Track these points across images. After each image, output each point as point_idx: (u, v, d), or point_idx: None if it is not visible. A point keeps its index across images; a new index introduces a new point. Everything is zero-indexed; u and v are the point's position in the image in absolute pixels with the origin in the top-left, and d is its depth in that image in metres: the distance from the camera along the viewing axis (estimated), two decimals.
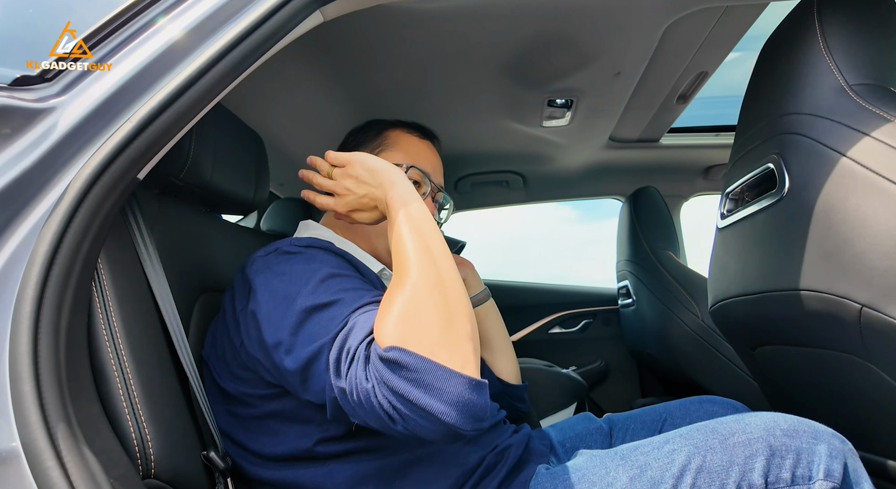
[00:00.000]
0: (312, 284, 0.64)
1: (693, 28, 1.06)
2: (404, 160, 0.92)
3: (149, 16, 0.61)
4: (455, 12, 0.97)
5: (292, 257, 0.71)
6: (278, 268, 0.69)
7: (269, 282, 0.67)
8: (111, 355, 0.53)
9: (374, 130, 0.96)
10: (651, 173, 1.87)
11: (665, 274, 1.47)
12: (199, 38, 0.61)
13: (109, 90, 0.54)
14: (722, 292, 0.91)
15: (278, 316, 0.63)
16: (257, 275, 0.69)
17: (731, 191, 0.91)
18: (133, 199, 0.71)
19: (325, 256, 0.72)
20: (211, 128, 0.89)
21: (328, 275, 0.66)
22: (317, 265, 0.69)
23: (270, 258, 0.72)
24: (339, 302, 0.62)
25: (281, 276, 0.67)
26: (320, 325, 0.60)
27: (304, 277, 0.66)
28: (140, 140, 0.55)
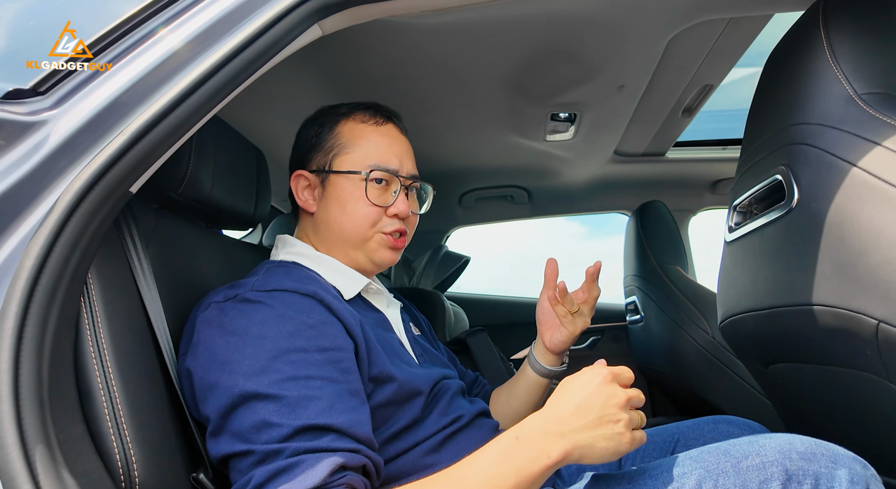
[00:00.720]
0: (261, 361, 0.58)
1: (696, 40, 1.05)
2: (363, 161, 0.80)
3: (147, 27, 0.60)
4: (456, 27, 0.97)
5: (250, 309, 0.64)
6: (230, 324, 0.62)
7: (213, 341, 0.61)
8: (98, 373, 0.51)
9: (326, 128, 0.84)
10: (657, 187, 1.85)
11: (673, 289, 1.44)
12: (195, 50, 0.60)
13: (103, 103, 0.54)
14: (731, 307, 0.88)
15: (210, 389, 0.58)
16: (205, 327, 0.63)
17: (738, 203, 0.89)
18: (129, 214, 0.70)
19: (289, 309, 0.64)
20: (211, 142, 0.88)
21: (283, 351, 0.59)
22: (274, 327, 0.62)
23: (227, 307, 0.65)
24: (282, 400, 0.56)
25: (228, 337, 0.61)
26: (252, 423, 0.55)
27: (251, 346, 0.59)
28: (133, 153, 0.54)
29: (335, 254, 0.82)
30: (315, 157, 0.84)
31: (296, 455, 0.53)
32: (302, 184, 0.84)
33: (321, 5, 0.69)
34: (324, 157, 0.82)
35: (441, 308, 1.56)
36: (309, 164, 0.84)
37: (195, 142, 0.85)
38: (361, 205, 0.79)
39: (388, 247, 0.82)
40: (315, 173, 0.83)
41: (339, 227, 0.80)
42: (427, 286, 1.82)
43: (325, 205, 0.82)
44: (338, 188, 0.81)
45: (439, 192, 1.89)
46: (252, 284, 0.68)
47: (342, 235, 0.81)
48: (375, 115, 0.85)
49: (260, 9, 0.65)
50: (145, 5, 0.60)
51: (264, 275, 0.72)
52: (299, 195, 0.84)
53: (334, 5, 0.70)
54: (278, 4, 0.66)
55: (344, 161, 0.81)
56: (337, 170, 0.81)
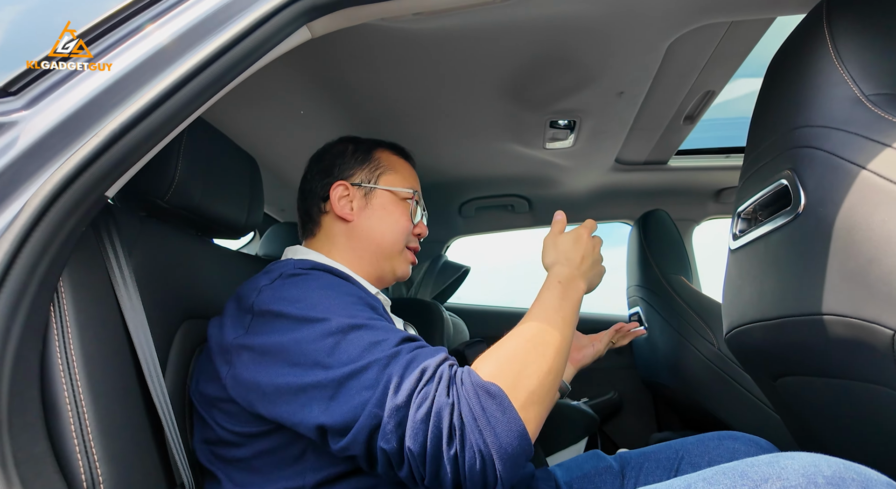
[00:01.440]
0: (337, 304, 0.63)
1: (697, 45, 1.03)
2: (403, 184, 0.92)
3: (130, 25, 0.59)
4: (451, 33, 0.95)
5: (305, 279, 0.68)
6: (290, 293, 0.65)
7: (285, 311, 0.63)
8: (65, 387, 0.48)
9: (361, 150, 0.93)
10: (660, 196, 1.82)
11: (677, 300, 1.40)
12: (177, 50, 0.59)
13: (77, 104, 0.52)
14: (737, 318, 0.85)
15: (305, 342, 0.60)
16: (269, 305, 0.65)
17: (742, 210, 0.86)
18: (110, 220, 0.68)
19: (334, 278, 0.71)
20: (200, 149, 0.87)
21: (350, 302, 0.65)
22: (333, 288, 0.67)
23: (277, 285, 0.68)
24: (375, 327, 0.61)
25: (297, 303, 0.64)
26: (361, 346, 0.59)
27: (325, 300, 0.64)
28: (108, 156, 0.52)
29: (351, 264, 0.87)
30: (358, 172, 0.91)
31: (414, 351, 0.60)
32: (340, 194, 0.89)
33: (309, 7, 0.68)
34: (370, 173, 0.91)
35: (439, 319, 1.53)
36: (351, 177, 0.90)
37: (183, 147, 0.83)
38: (403, 220, 0.89)
39: (409, 262, 0.92)
40: (357, 186, 0.89)
41: (381, 236, 0.88)
42: (425, 296, 1.79)
43: (369, 214, 0.88)
44: (384, 201, 0.89)
45: (439, 202, 1.88)
46: (292, 264, 0.73)
47: (381, 244, 0.88)
48: (402, 152, 0.97)
49: (246, 9, 0.64)
50: (126, 4, 0.58)
51: (296, 261, 0.77)
52: (336, 203, 0.88)
53: (323, 7, 0.69)
54: (265, 5, 0.65)
55: (390, 179, 0.91)
56: (387, 186, 0.90)
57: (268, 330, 0.63)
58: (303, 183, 0.95)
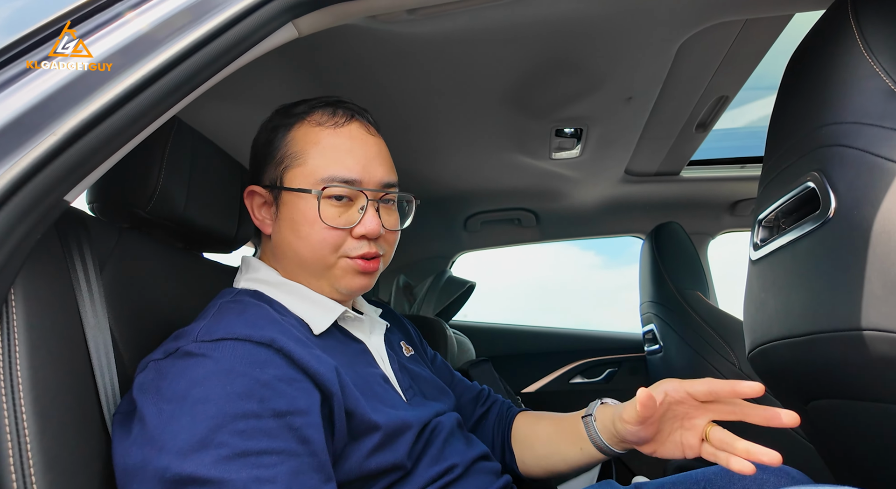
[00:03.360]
0: (200, 431, 0.48)
1: (709, 46, 0.98)
2: (316, 174, 0.68)
3: (104, 16, 0.55)
4: (448, 37, 0.92)
5: (192, 365, 0.53)
6: (168, 388, 0.52)
7: (145, 411, 0.50)
8: (6, 414, 0.43)
9: (279, 134, 0.72)
10: (672, 209, 1.76)
11: (694, 316, 1.32)
12: (147, 44, 0.55)
13: (31, 101, 0.48)
14: (762, 335, 0.78)
15: (133, 470, 0.48)
16: (140, 394, 0.53)
17: (764, 217, 0.79)
18: (81, 230, 0.64)
19: (239, 363, 0.54)
20: (186, 157, 0.83)
21: (227, 419, 0.49)
22: (218, 388, 0.51)
23: (165, 366, 0.54)
24: (224, 486, 0.46)
25: (163, 405, 0.50)
26: None
27: (189, 414, 0.49)
28: (67, 156, 0.48)
29: (307, 281, 0.71)
30: (267, 170, 0.72)
31: None
32: (257, 201, 0.74)
33: (294, 2, 0.64)
34: (275, 170, 0.71)
35: (442, 336, 1.46)
36: (262, 178, 0.73)
37: (167, 155, 0.79)
38: (317, 228, 0.67)
39: (357, 273, 0.69)
40: (268, 189, 0.72)
41: (295, 252, 0.69)
42: (429, 313, 1.73)
43: (279, 227, 0.71)
44: (290, 207, 0.69)
45: (443, 216, 1.83)
46: (196, 333, 0.57)
47: (299, 262, 0.69)
48: (335, 115, 0.72)
49: (226, 3, 0.60)
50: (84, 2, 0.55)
51: (212, 319, 0.61)
52: (255, 213, 0.74)
53: (308, 2, 0.65)
54: (245, 0, 0.61)
55: (295, 175, 0.69)
56: (288, 186, 0.69)
57: (126, 426, 0.52)
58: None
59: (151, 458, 0.47)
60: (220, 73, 0.61)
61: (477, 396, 0.95)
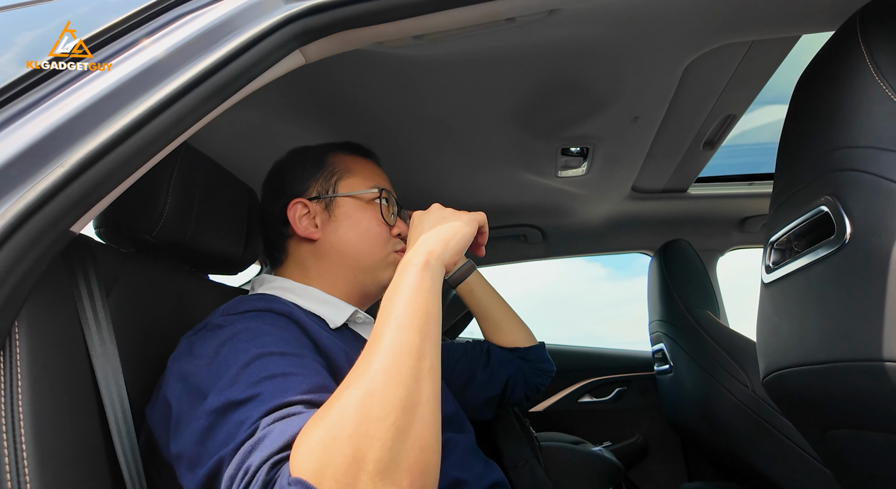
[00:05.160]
0: (232, 372, 0.52)
1: (716, 66, 0.98)
2: (364, 184, 0.84)
3: (106, 52, 0.56)
4: (455, 60, 0.92)
5: (219, 333, 0.60)
6: (200, 349, 0.58)
7: (185, 370, 0.57)
8: (6, 452, 0.42)
9: (311, 160, 0.85)
10: (680, 226, 1.74)
11: (705, 336, 1.30)
12: (161, 72, 0.55)
13: (40, 133, 0.48)
14: (777, 360, 0.76)
15: (186, 420, 0.52)
16: (175, 361, 0.60)
17: (775, 240, 0.78)
18: (87, 257, 0.64)
19: (262, 324, 0.61)
20: (194, 181, 0.83)
21: (255, 357, 0.54)
22: (245, 341, 0.57)
23: (196, 338, 0.61)
24: (257, 398, 0.49)
25: (198, 361, 0.57)
26: (227, 432, 0.48)
27: (224, 363, 0.54)
28: (74, 187, 0.47)
29: (323, 284, 0.80)
30: (313, 185, 0.83)
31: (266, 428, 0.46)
32: (299, 213, 0.82)
33: (301, 30, 0.64)
34: (325, 183, 0.83)
35: None
36: (307, 192, 0.83)
37: (174, 179, 0.79)
38: (374, 224, 0.81)
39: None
40: (316, 200, 0.82)
41: (354, 247, 0.80)
42: None
43: (334, 228, 0.81)
44: (349, 209, 0.81)
45: None
46: (221, 309, 0.66)
47: (356, 257, 0.80)
48: (358, 151, 0.90)
49: (233, 32, 0.60)
50: (101, 30, 0.55)
51: (234, 301, 0.69)
52: (297, 224, 0.81)
53: (316, 30, 0.65)
54: (254, 29, 0.61)
55: (349, 184, 0.83)
56: (347, 192, 0.82)
57: (169, 391, 0.57)
58: (260, 211, 0.90)
59: (196, 401, 0.52)
60: (229, 100, 0.61)
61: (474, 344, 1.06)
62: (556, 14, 0.77)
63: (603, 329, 8.70)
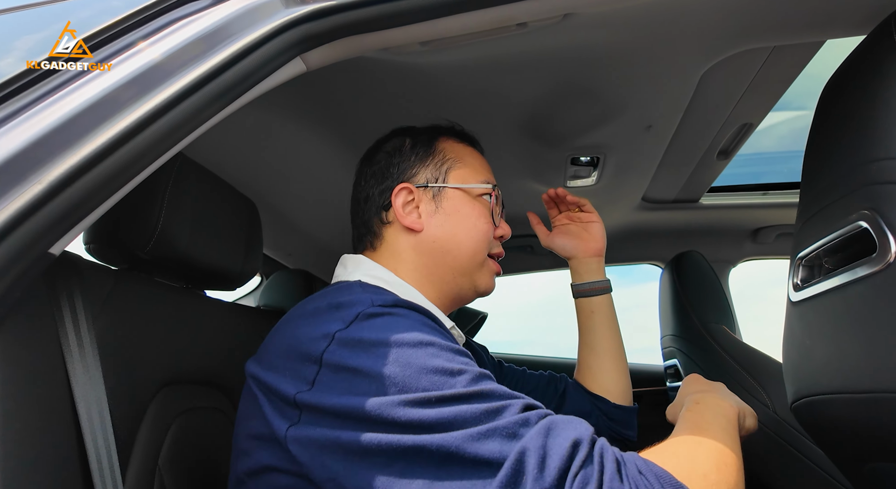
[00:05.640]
0: (439, 359, 0.50)
1: (734, 74, 0.94)
2: (476, 178, 0.77)
3: (98, 56, 0.52)
4: (463, 67, 0.88)
5: (382, 321, 0.53)
6: (376, 342, 0.50)
7: (366, 367, 0.49)
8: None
9: (420, 143, 0.78)
10: (692, 236, 1.70)
11: (721, 352, 1.25)
12: (157, 77, 0.51)
13: (17, 146, 0.44)
14: (810, 385, 0.71)
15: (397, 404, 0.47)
16: (345, 359, 0.50)
17: (804, 256, 0.74)
18: (72, 277, 0.59)
19: (423, 326, 0.55)
20: (190, 194, 0.79)
21: (452, 353, 0.52)
22: (429, 334, 0.53)
23: (354, 329, 0.52)
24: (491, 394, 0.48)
25: (382, 359, 0.49)
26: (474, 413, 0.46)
27: (410, 356, 0.49)
28: (52, 207, 0.43)
29: (423, 286, 0.72)
30: (421, 171, 0.76)
31: (546, 417, 0.47)
32: (405, 199, 0.75)
33: (303, 36, 0.61)
34: (435, 170, 0.76)
35: None
36: (414, 178, 0.76)
37: (168, 192, 0.75)
38: (483, 222, 0.75)
39: (493, 274, 0.78)
40: (423, 187, 0.75)
41: (458, 245, 0.73)
42: None
43: (440, 221, 0.74)
44: (457, 203, 0.75)
45: None
46: (369, 300, 0.56)
47: (459, 256, 0.73)
48: (466, 138, 0.83)
49: (230, 39, 0.56)
50: (93, 33, 0.52)
51: (373, 291, 0.60)
52: (402, 212, 0.74)
53: (318, 36, 0.61)
54: (252, 34, 0.57)
55: (460, 175, 0.76)
56: (456, 184, 0.75)
57: (344, 389, 0.49)
58: (355, 190, 0.81)
59: (385, 397, 0.47)
60: (226, 109, 0.57)
61: (548, 382, 0.97)
62: (570, 19, 0.73)
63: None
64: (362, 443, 0.46)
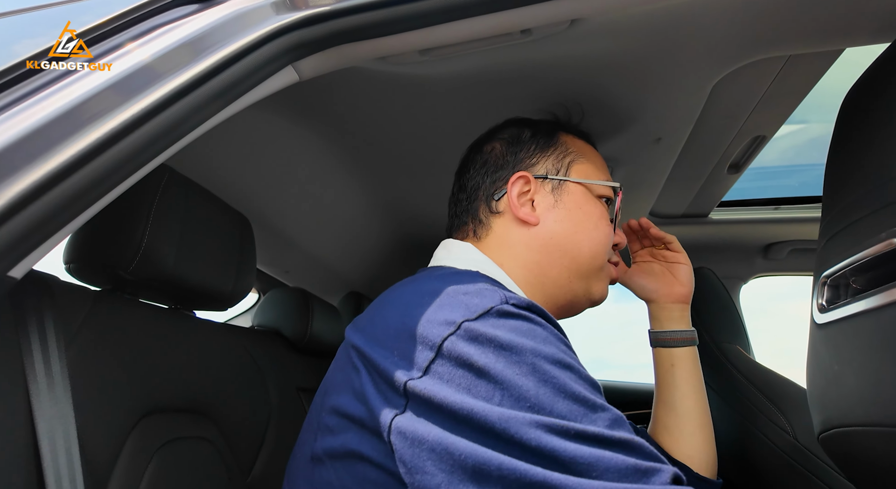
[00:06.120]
0: (580, 387, 0.45)
1: (747, 84, 0.90)
2: (598, 175, 0.73)
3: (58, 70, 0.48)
4: (465, 77, 0.85)
5: (518, 324, 0.47)
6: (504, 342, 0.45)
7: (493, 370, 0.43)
8: None
9: (541, 133, 0.74)
10: (700, 252, 1.65)
11: (736, 375, 1.20)
12: (126, 90, 0.48)
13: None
14: (840, 415, 0.66)
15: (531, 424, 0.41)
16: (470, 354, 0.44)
17: (830, 275, 0.69)
18: (44, 300, 0.55)
19: (559, 333, 0.51)
20: (177, 209, 0.75)
21: (588, 382, 0.47)
22: (568, 354, 0.48)
23: (485, 324, 0.46)
24: (642, 449, 0.44)
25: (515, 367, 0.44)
26: (619, 466, 0.41)
27: (560, 372, 0.45)
28: (8, 228, 0.39)
29: (533, 288, 0.66)
30: (541, 160, 0.71)
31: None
32: (521, 189, 0.70)
33: (295, 43, 0.57)
34: (557, 162, 0.71)
35: None
36: (533, 167, 0.71)
37: (154, 208, 0.72)
38: (604, 223, 0.70)
39: (610, 281, 0.74)
40: (542, 179, 0.70)
41: (577, 245, 0.67)
42: None
43: (560, 217, 0.68)
44: (578, 199, 0.70)
45: None
46: (502, 295, 0.50)
47: (577, 257, 0.67)
48: (586, 136, 0.78)
49: (216, 45, 0.53)
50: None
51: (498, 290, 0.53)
52: (516, 202, 0.69)
53: (311, 44, 0.58)
54: (240, 41, 0.54)
55: (583, 170, 0.72)
56: (580, 179, 0.70)
57: (464, 387, 0.43)
58: (461, 176, 0.75)
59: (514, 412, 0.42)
60: (213, 118, 0.53)
61: None
62: (577, 26, 0.70)
63: (609, 352, 8.49)
64: (479, 460, 0.40)
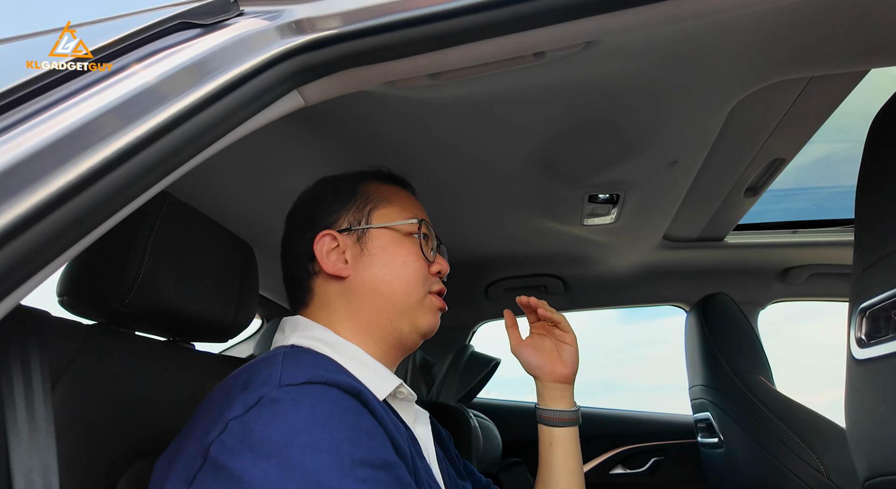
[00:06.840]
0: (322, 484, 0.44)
1: (767, 105, 0.88)
2: (401, 215, 0.74)
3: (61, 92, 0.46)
4: (475, 102, 0.82)
5: (284, 412, 0.48)
6: (262, 443, 0.46)
7: (246, 474, 0.44)
8: None
9: (342, 189, 0.76)
10: (716, 277, 1.61)
11: (761, 407, 1.14)
12: (126, 115, 0.45)
13: None
14: (887, 462, 0.60)
15: None
16: (229, 455, 0.46)
17: (869, 307, 0.64)
18: (30, 336, 0.52)
19: (336, 408, 0.50)
20: (177, 238, 0.72)
21: (347, 466, 0.46)
22: (325, 435, 0.47)
23: (250, 419, 0.48)
24: None
25: (264, 462, 0.45)
26: None
27: (301, 466, 0.44)
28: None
29: (366, 342, 0.68)
30: (344, 216, 0.74)
31: None
32: (328, 246, 0.71)
33: (300, 68, 0.55)
34: (358, 213, 0.74)
35: (466, 428, 1.28)
36: (337, 223, 0.73)
37: (153, 237, 0.69)
38: (412, 259, 0.71)
39: (436, 311, 0.74)
40: (346, 232, 0.72)
41: (388, 286, 0.70)
42: (449, 397, 1.55)
43: (367, 264, 0.71)
44: (384, 242, 0.72)
45: (463, 283, 1.69)
46: (277, 378, 0.52)
47: (390, 298, 0.70)
48: (393, 180, 0.80)
49: (217, 70, 0.51)
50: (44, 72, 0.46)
51: (289, 364, 0.56)
52: (325, 259, 0.70)
53: (317, 68, 0.56)
54: (243, 65, 0.52)
55: (386, 213, 0.74)
56: (383, 223, 0.72)
57: None
58: (283, 245, 0.78)
59: None
60: (215, 144, 0.51)
61: None
62: (592, 47, 0.67)
63: (618, 374, 8.33)
64: None
